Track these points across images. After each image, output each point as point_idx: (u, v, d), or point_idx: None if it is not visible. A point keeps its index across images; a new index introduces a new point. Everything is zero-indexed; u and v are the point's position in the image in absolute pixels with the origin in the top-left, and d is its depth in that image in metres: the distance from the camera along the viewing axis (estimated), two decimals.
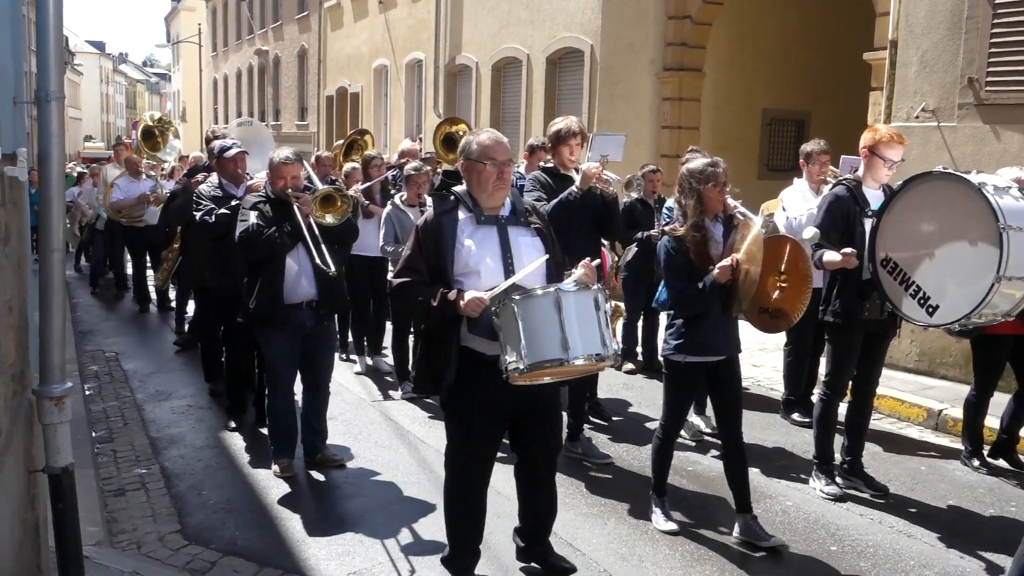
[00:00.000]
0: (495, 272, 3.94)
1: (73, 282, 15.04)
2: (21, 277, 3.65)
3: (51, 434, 3.37)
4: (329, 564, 4.68)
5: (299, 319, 5.74)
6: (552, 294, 3.73)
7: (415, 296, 3.96)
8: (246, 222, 5.69)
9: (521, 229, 4.11)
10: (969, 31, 7.95)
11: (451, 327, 3.95)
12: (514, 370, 3.71)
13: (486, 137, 4.08)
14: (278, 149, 6.04)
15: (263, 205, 5.78)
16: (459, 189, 4.13)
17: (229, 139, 7.35)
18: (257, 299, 5.70)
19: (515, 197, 4.23)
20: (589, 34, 14.30)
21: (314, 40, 28.26)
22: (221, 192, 6.92)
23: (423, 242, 4.02)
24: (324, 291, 5.78)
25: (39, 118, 3.36)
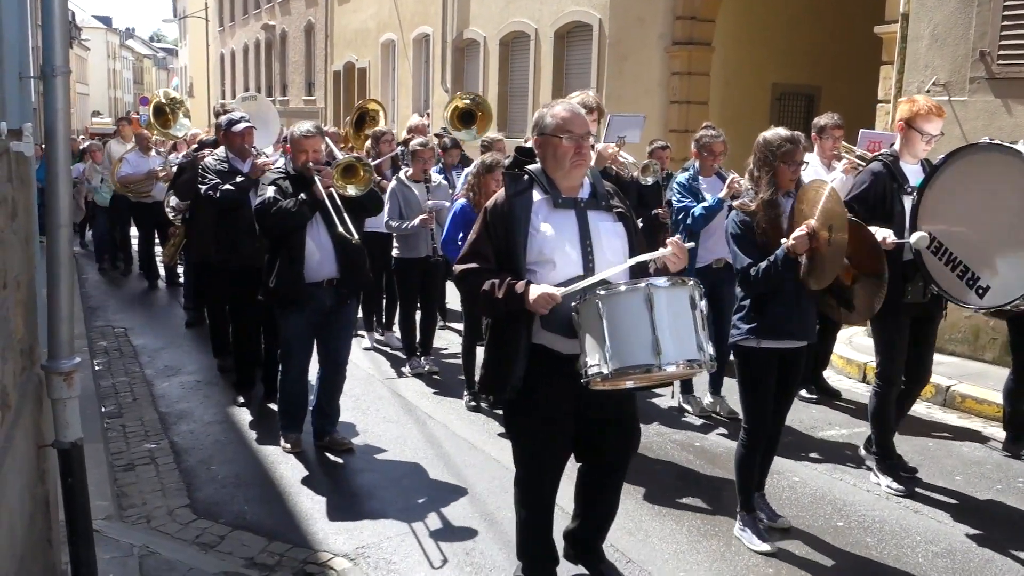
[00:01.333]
0: (572, 262, 3.55)
1: (79, 258, 15.08)
2: (29, 253, 3.66)
3: (60, 409, 3.39)
4: (337, 538, 4.71)
5: (319, 298, 5.61)
6: (642, 290, 3.33)
7: (478, 285, 3.56)
8: (262, 196, 5.57)
9: (602, 213, 3.68)
10: (981, 4, 7.86)
11: (520, 321, 3.55)
12: (596, 375, 3.35)
13: (562, 108, 3.67)
14: (298, 123, 5.84)
15: (282, 180, 5.63)
16: (533, 168, 3.71)
17: (238, 112, 7.25)
18: (278, 277, 5.56)
19: (595, 177, 3.81)
20: (598, 8, 14.20)
21: (321, 15, 28.11)
22: (227, 166, 6.83)
23: (492, 225, 3.63)
24: (346, 270, 5.63)
25: (45, 93, 3.35)
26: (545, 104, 3.82)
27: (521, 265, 3.54)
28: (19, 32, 3.40)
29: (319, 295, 5.60)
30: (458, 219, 6.61)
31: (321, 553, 4.54)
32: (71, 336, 3.44)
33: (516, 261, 3.56)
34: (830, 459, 5.92)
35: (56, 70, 3.29)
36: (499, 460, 5.84)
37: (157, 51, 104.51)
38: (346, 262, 5.61)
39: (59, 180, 3.37)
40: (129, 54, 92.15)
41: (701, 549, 4.63)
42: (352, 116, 10.52)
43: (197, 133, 11.18)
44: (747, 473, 4.70)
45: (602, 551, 4.19)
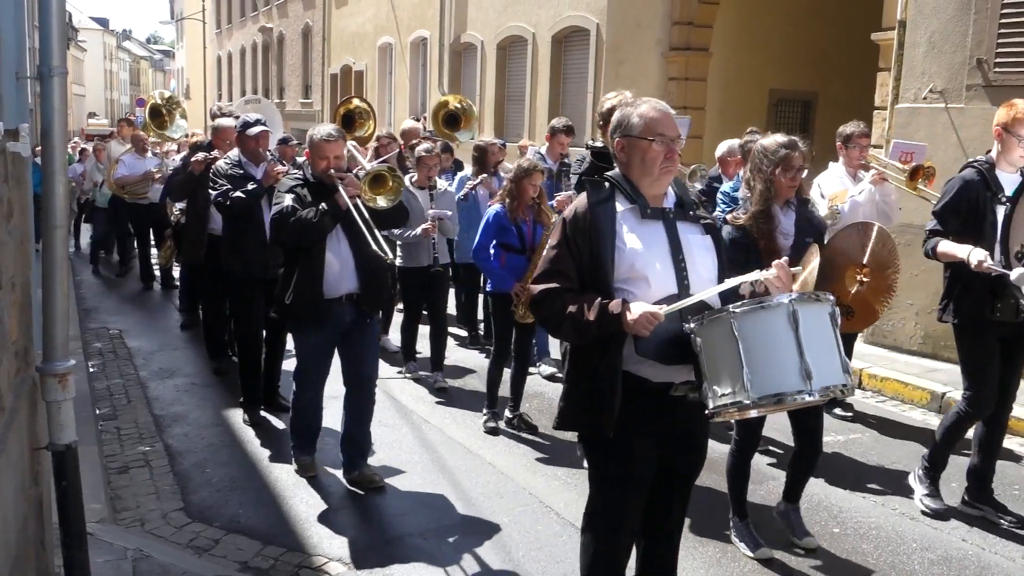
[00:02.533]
0: (665, 278, 3.14)
1: (73, 260, 15.04)
2: (24, 254, 3.64)
3: (55, 411, 3.37)
4: (332, 543, 4.69)
5: (338, 314, 5.20)
6: (785, 307, 2.94)
7: (562, 308, 3.13)
8: (280, 204, 5.11)
9: (690, 225, 3.29)
10: (978, 11, 7.88)
11: (612, 347, 3.13)
12: (728, 405, 2.95)
13: (649, 107, 3.26)
14: (319, 126, 5.42)
15: (300, 188, 5.18)
16: (614, 174, 3.31)
17: (253, 115, 6.90)
18: (295, 293, 5.13)
19: (680, 185, 3.41)
20: (595, 13, 14.21)
21: (318, 17, 28.12)
22: (240, 171, 6.48)
23: (573, 239, 3.20)
24: (367, 283, 5.21)
25: (42, 93, 3.33)
26: (627, 101, 3.40)
27: (610, 283, 3.14)
28: (16, 32, 3.39)
29: (338, 311, 5.19)
30: (491, 226, 6.42)
31: (316, 557, 4.53)
32: (66, 338, 3.43)
33: (604, 279, 3.14)
34: (826, 466, 5.91)
35: (53, 70, 3.27)
36: (493, 464, 5.83)
37: (154, 53, 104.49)
38: (368, 276, 5.21)
39: (55, 181, 3.35)
40: (126, 56, 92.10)
41: (696, 555, 4.62)
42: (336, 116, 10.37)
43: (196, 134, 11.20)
44: (740, 480, 4.69)
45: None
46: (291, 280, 5.17)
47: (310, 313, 5.17)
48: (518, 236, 6.39)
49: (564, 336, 3.34)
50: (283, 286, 5.23)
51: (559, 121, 8.55)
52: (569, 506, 5.14)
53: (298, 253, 5.16)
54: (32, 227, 4.09)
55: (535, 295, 3.25)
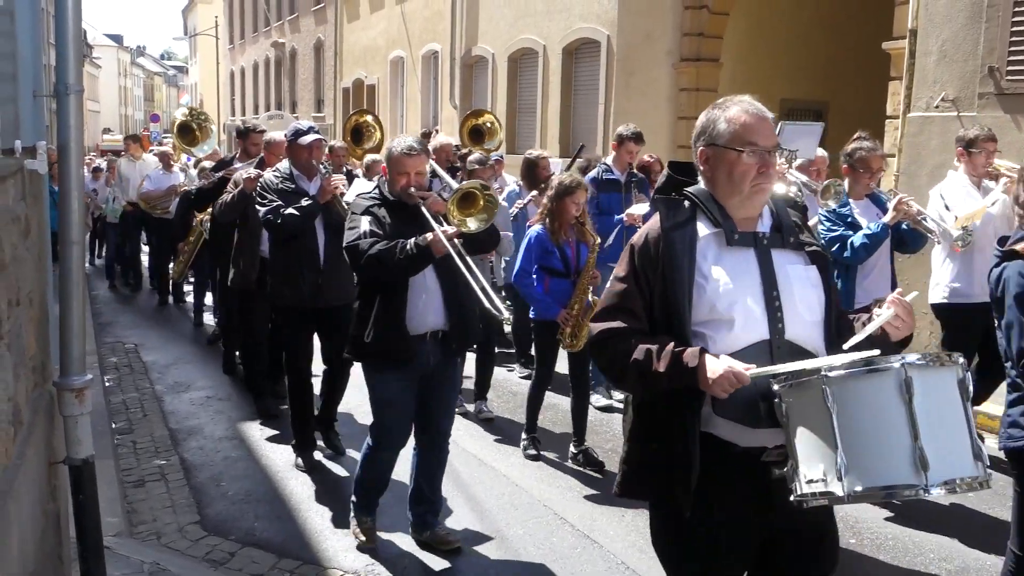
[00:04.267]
0: (754, 321, 2.56)
1: (90, 275, 15.14)
2: (41, 270, 3.68)
3: (72, 426, 3.40)
4: (347, 555, 4.70)
5: (423, 354, 4.49)
6: (895, 373, 2.29)
7: (626, 353, 2.58)
8: (355, 229, 4.41)
9: (789, 253, 2.69)
10: (990, 20, 7.87)
11: (687, 404, 2.55)
12: (819, 495, 2.34)
13: (740, 110, 2.67)
14: (398, 137, 4.77)
15: (378, 208, 4.49)
16: (695, 191, 2.72)
17: (305, 122, 6.23)
18: (375, 330, 4.40)
19: (778, 204, 2.79)
20: (606, 25, 14.23)
21: (330, 32, 28.26)
22: (292, 185, 5.79)
23: (642, 271, 2.65)
24: (456, 319, 4.52)
25: (58, 111, 3.38)
26: (715, 103, 2.81)
27: (686, 325, 2.57)
28: (33, 51, 3.43)
29: (422, 350, 4.49)
30: (532, 249, 5.96)
31: (331, 570, 4.54)
32: (83, 353, 3.46)
33: (678, 320, 2.58)
34: None
35: (69, 88, 3.32)
36: (508, 476, 5.83)
37: (168, 69, 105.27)
38: (457, 310, 4.52)
39: (72, 197, 3.39)
40: (140, 71, 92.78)
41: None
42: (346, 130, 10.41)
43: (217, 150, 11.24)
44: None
45: None
46: (370, 314, 4.43)
47: (394, 353, 4.43)
48: (561, 259, 5.94)
49: (628, 387, 2.78)
50: (360, 321, 4.49)
51: (627, 128, 7.78)
52: (583, 518, 5.14)
53: (378, 283, 4.49)
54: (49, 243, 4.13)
55: (595, 336, 2.72)
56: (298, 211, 5.56)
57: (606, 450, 6.24)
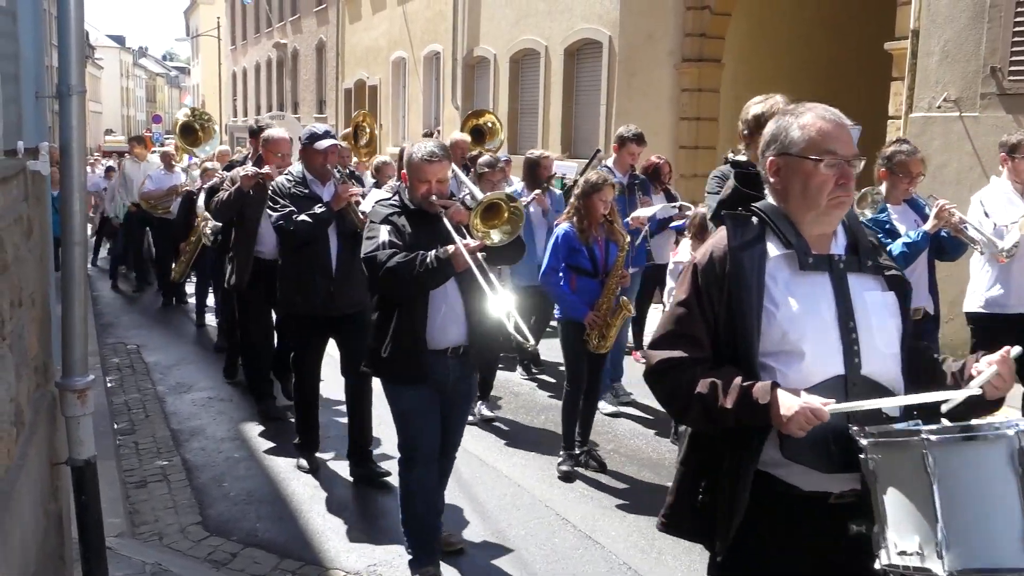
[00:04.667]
0: (828, 354, 2.34)
1: (95, 275, 15.16)
2: (43, 271, 3.68)
3: (74, 426, 3.40)
4: (349, 556, 4.70)
5: (442, 371, 4.26)
6: (1008, 442, 2.03)
7: (690, 386, 2.37)
8: (374, 239, 4.15)
9: (867, 278, 2.46)
10: (992, 20, 7.86)
11: (748, 443, 2.35)
12: (914, 571, 2.08)
13: (816, 116, 2.44)
14: (419, 142, 4.51)
15: (397, 217, 4.24)
16: (764, 206, 2.49)
17: (321, 126, 6.05)
18: (393, 344, 4.19)
19: (852, 220, 2.55)
20: (607, 25, 14.23)
21: (332, 33, 28.28)
22: (305, 190, 5.62)
23: (706, 293, 2.42)
24: (478, 335, 4.27)
25: (60, 112, 3.38)
26: (785, 109, 2.61)
27: (753, 356, 2.36)
28: (36, 52, 3.44)
29: (442, 366, 4.26)
30: (560, 247, 5.80)
31: (333, 571, 4.54)
32: (85, 354, 3.46)
33: (745, 350, 2.37)
34: None
35: (72, 89, 3.32)
36: (509, 476, 5.83)
37: (170, 70, 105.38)
38: (478, 326, 4.25)
39: (74, 198, 3.39)
40: (142, 72, 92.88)
41: None
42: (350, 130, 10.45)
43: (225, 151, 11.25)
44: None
45: None
46: (388, 328, 4.20)
47: (413, 369, 4.20)
48: (589, 258, 5.78)
49: (693, 422, 2.51)
50: (378, 334, 4.26)
51: (628, 129, 7.67)
52: (585, 519, 5.14)
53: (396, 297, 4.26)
54: (51, 244, 4.14)
55: (655, 365, 2.47)
56: (311, 218, 5.41)
57: (607, 451, 6.24)
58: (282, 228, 5.49)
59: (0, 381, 2.58)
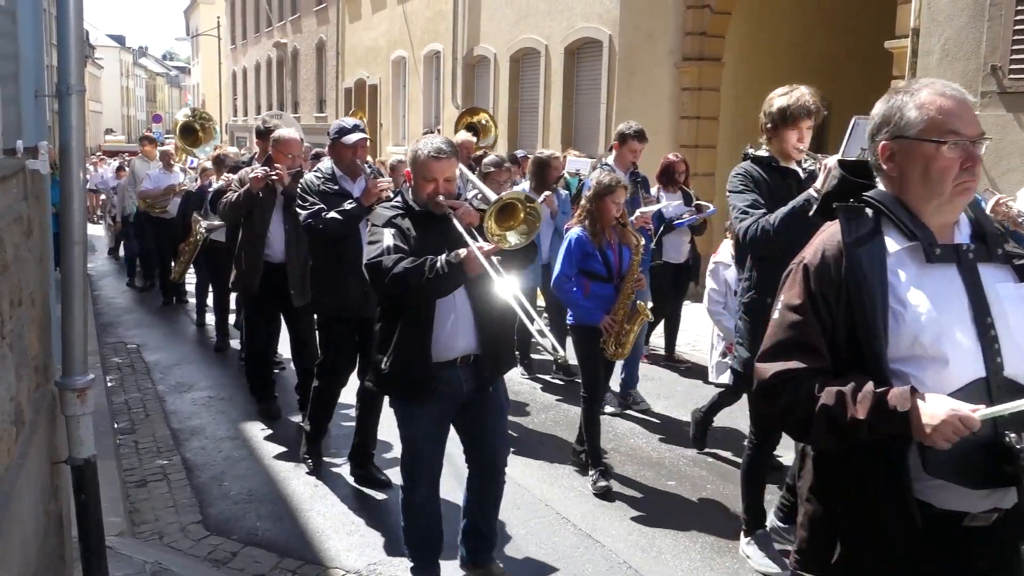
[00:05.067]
0: (969, 357, 2.09)
1: (96, 274, 15.16)
2: (43, 270, 3.68)
3: (74, 426, 3.40)
4: (349, 555, 4.70)
5: (452, 382, 3.99)
6: None
7: (810, 399, 2.13)
8: (378, 244, 3.88)
9: (997, 269, 2.22)
10: (992, 18, 7.86)
11: (889, 457, 2.10)
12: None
13: (934, 93, 2.20)
14: (425, 138, 4.22)
15: (401, 219, 3.98)
16: (879, 195, 2.26)
17: (350, 120, 5.87)
18: (395, 355, 3.91)
19: (976, 208, 2.33)
20: (607, 24, 14.23)
21: (332, 32, 28.28)
22: (335, 187, 5.47)
23: (820, 296, 2.20)
24: (489, 341, 3.99)
25: (60, 111, 3.38)
26: (897, 87, 2.35)
27: (882, 362, 2.10)
28: (35, 51, 3.43)
29: (452, 379, 3.98)
30: (574, 252, 5.63)
31: (333, 570, 4.54)
32: (85, 353, 3.46)
33: (873, 356, 2.11)
34: None
35: (71, 88, 3.32)
36: (510, 476, 5.78)
37: (170, 69, 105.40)
38: (490, 331, 3.99)
39: (73, 197, 3.39)
40: (142, 72, 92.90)
41: (715, 566, 4.60)
42: None
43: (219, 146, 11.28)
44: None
45: None
46: (391, 339, 3.93)
47: (416, 383, 3.94)
48: (603, 262, 5.62)
49: (815, 439, 2.24)
50: (381, 346, 4.00)
51: (629, 126, 7.45)
52: (586, 518, 5.14)
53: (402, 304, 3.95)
54: (51, 243, 4.13)
55: (768, 379, 2.22)
56: (341, 215, 5.22)
57: (607, 450, 6.23)
58: (311, 226, 5.31)
59: (0, 380, 2.58)
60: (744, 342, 4.41)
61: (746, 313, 4.39)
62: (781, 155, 4.37)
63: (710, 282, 6.36)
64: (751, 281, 4.37)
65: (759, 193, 4.23)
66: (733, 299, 5.68)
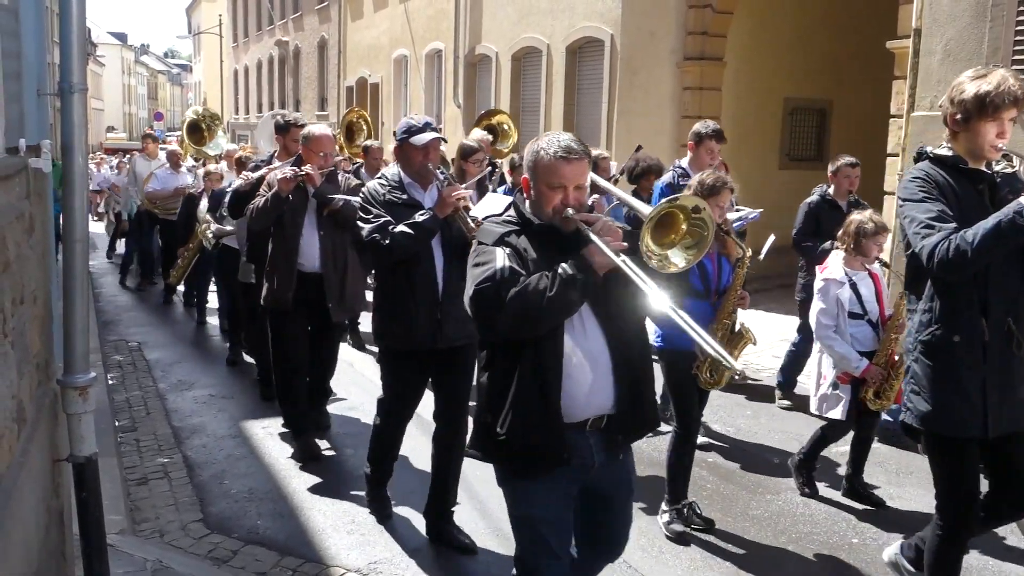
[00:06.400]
0: None
1: (97, 272, 15.15)
2: (45, 268, 3.69)
3: (75, 424, 3.41)
4: (350, 553, 4.71)
5: (583, 450, 3.09)
6: None
7: None
8: (487, 266, 2.98)
9: None
10: (994, 19, 7.85)
11: None
12: None
13: None
14: (545, 135, 3.17)
15: (516, 237, 3.11)
16: None
17: (420, 117, 4.92)
18: (513, 416, 3.01)
19: None
20: (609, 23, 14.23)
21: (334, 30, 28.28)
22: (403, 195, 4.63)
23: None
24: (629, 396, 3.09)
25: (62, 110, 3.38)
26: None
27: None
28: (38, 50, 3.44)
29: (581, 445, 3.08)
30: None
31: (334, 568, 4.54)
32: (86, 351, 3.47)
33: None
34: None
35: (73, 87, 3.33)
36: None
37: (171, 67, 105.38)
38: (631, 385, 3.11)
39: (75, 195, 3.39)
40: (144, 70, 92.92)
41: (714, 565, 4.61)
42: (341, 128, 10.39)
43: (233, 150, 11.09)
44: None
45: None
46: (506, 394, 3.03)
47: (543, 452, 3.03)
48: (700, 276, 4.84)
49: None
50: (493, 402, 3.08)
51: (706, 125, 6.92)
52: None
53: (518, 345, 3.03)
54: (53, 241, 4.14)
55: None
56: (412, 228, 4.42)
57: None
58: (376, 243, 4.47)
59: (2, 378, 2.58)
60: (922, 391, 3.49)
61: (926, 354, 3.49)
62: (971, 154, 3.49)
63: (819, 302, 5.36)
64: (933, 313, 3.48)
65: (946, 202, 3.39)
66: (846, 321, 5.25)
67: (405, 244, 4.44)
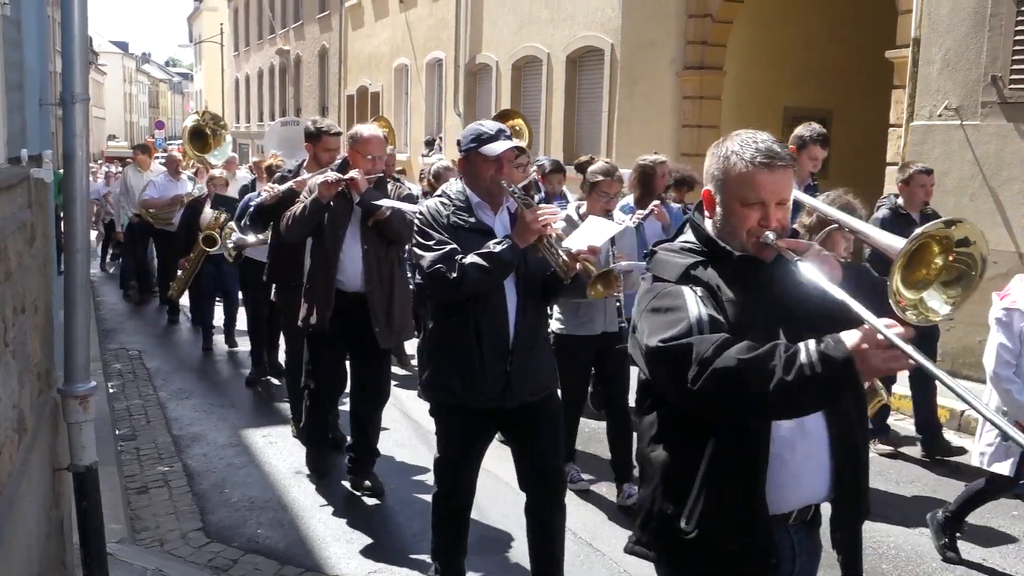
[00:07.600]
0: None
1: (98, 280, 15.15)
2: (46, 277, 3.70)
3: (76, 433, 3.41)
4: (350, 562, 4.71)
5: (783, 552, 2.39)
6: None
7: None
8: (676, 313, 2.27)
9: None
10: (993, 29, 7.88)
11: None
12: None
13: None
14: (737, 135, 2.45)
15: (704, 270, 2.39)
16: None
17: (491, 123, 4.02)
18: (707, 505, 2.31)
19: None
20: (609, 33, 14.27)
21: (335, 39, 28.34)
22: (471, 218, 3.84)
23: None
24: (850, 482, 2.43)
25: (64, 119, 3.40)
26: None
27: None
28: (39, 59, 3.46)
29: (783, 546, 2.40)
30: None
31: None
32: (87, 360, 3.48)
33: None
34: None
35: (75, 97, 3.34)
36: (510, 484, 5.78)
37: (173, 76, 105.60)
38: (852, 467, 2.44)
39: (77, 205, 3.41)
40: (145, 78, 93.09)
41: None
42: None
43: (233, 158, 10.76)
44: None
45: None
46: (694, 478, 2.33)
47: (744, 551, 2.32)
48: None
49: None
50: (675, 492, 2.38)
51: (811, 128, 6.09)
52: (586, 525, 5.14)
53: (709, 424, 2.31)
54: (54, 250, 4.15)
55: None
56: (486, 260, 3.63)
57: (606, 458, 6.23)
58: (440, 276, 3.67)
59: (3, 387, 2.59)
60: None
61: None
62: None
63: (999, 335, 4.43)
64: None
65: None
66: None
67: (479, 279, 3.64)
